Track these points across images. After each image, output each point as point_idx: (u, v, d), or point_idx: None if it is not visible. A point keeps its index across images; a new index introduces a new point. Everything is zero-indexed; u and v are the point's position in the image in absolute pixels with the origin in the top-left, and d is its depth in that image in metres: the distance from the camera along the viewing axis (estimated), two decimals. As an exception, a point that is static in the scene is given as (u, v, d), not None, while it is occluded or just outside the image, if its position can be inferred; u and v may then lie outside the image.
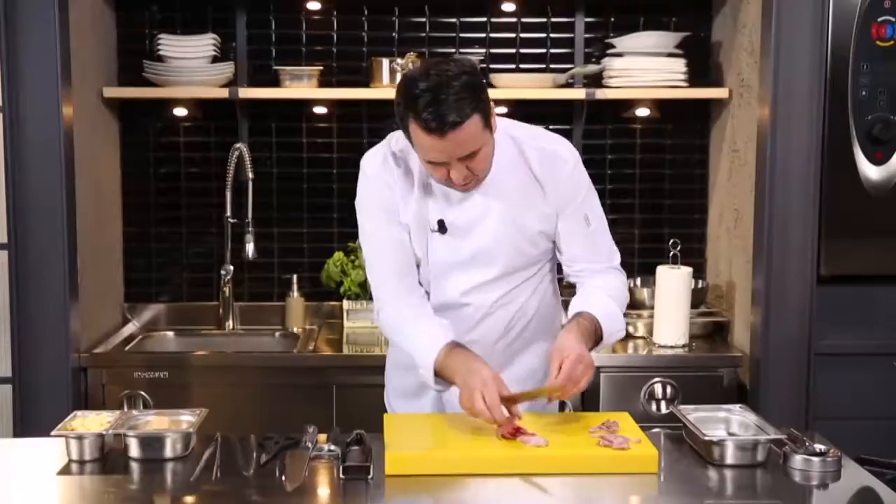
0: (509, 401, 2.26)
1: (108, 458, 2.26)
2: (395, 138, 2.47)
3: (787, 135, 3.25)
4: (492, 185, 2.40)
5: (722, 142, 3.83)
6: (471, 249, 2.44)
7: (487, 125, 2.27)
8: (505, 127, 2.43)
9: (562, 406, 3.30)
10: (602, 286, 2.50)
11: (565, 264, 2.54)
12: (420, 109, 2.18)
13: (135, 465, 2.23)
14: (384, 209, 2.44)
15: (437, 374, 2.35)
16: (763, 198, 3.29)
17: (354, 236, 2.81)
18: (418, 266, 2.50)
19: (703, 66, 3.90)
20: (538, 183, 2.43)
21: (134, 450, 2.25)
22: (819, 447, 2.20)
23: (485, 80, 2.34)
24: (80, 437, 2.24)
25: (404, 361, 2.54)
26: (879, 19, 3.23)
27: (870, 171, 3.27)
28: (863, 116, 3.25)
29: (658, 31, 3.81)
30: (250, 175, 3.73)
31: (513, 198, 2.42)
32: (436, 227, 2.42)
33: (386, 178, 2.43)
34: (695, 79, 3.80)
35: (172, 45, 3.73)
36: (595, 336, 2.41)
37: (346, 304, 3.83)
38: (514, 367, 2.55)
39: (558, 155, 2.45)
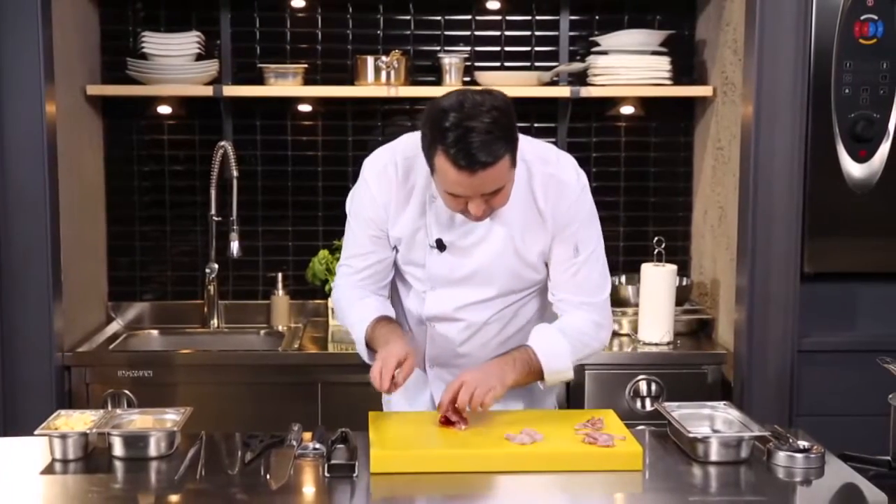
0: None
1: (92, 457, 2.26)
2: (405, 143, 2.42)
3: (771, 132, 3.25)
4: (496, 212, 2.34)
5: (706, 139, 3.84)
6: (469, 269, 2.42)
7: (514, 164, 2.23)
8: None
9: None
10: (566, 325, 2.44)
11: (549, 291, 2.49)
12: (450, 144, 2.12)
13: (119, 464, 2.22)
14: (370, 218, 2.45)
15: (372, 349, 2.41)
16: (747, 195, 3.30)
17: (339, 234, 2.80)
18: (398, 270, 2.52)
19: (687, 65, 3.91)
20: (541, 214, 2.38)
21: (118, 449, 2.24)
22: (802, 444, 2.21)
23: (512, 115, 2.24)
24: (63, 437, 2.23)
25: None
26: (862, 17, 3.24)
27: (853, 169, 3.29)
28: (846, 114, 3.26)
29: (642, 30, 3.81)
30: (235, 173, 3.72)
31: (515, 225, 2.38)
32: (434, 244, 2.41)
33: (379, 192, 2.41)
34: (679, 77, 3.81)
35: (156, 43, 3.72)
36: (532, 371, 2.38)
37: (331, 302, 3.81)
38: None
39: (565, 183, 2.39)
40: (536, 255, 2.42)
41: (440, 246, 2.40)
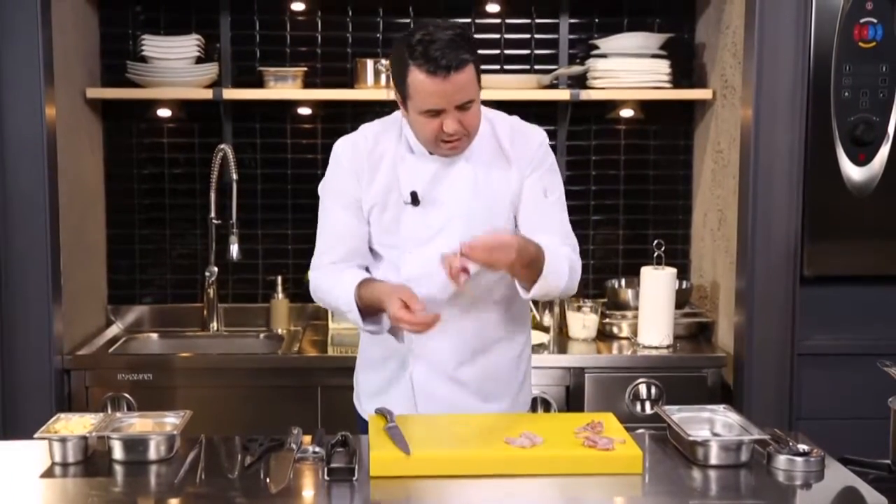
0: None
1: (92, 460, 2.25)
2: (369, 124, 2.57)
3: (771, 136, 3.26)
4: (466, 156, 2.47)
5: (706, 143, 3.84)
6: (443, 220, 2.47)
7: (478, 80, 2.37)
8: (482, 110, 2.49)
9: (546, 407, 3.32)
10: (552, 244, 2.45)
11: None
12: (422, 54, 2.28)
13: (118, 468, 2.22)
14: (344, 194, 2.52)
15: (364, 313, 2.44)
16: (746, 198, 3.30)
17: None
18: (375, 253, 2.56)
19: (686, 68, 3.91)
20: (505, 155, 2.50)
21: (118, 452, 2.24)
22: (802, 447, 2.21)
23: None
24: (63, 440, 2.23)
25: (370, 359, 2.63)
26: (862, 21, 3.24)
27: (852, 172, 3.29)
28: (845, 117, 3.27)
29: (642, 33, 3.82)
30: (234, 176, 3.72)
31: (481, 164, 2.48)
32: (409, 199, 2.46)
33: (352, 155, 2.51)
34: (679, 80, 3.82)
35: (156, 46, 3.72)
36: (536, 263, 2.37)
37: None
38: (485, 358, 2.57)
39: (527, 133, 2.55)
40: (504, 197, 2.49)
41: (414, 200, 2.46)
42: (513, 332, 2.62)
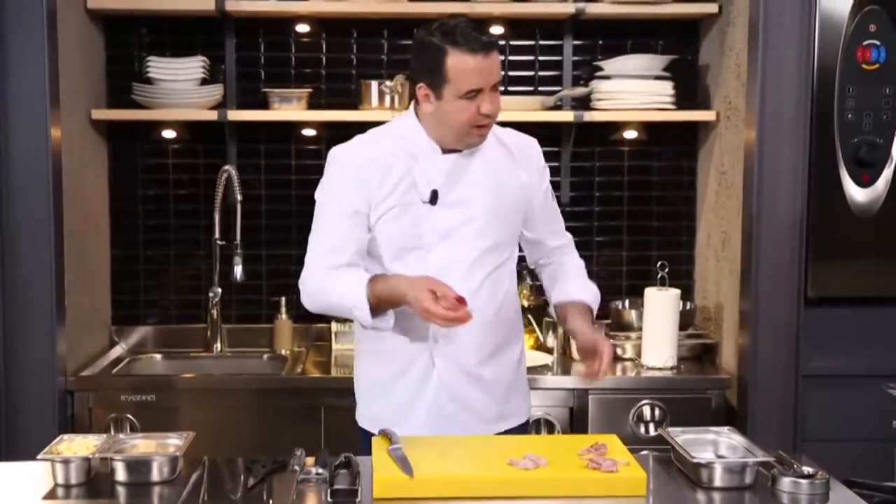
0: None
1: (95, 482, 2.25)
2: (363, 137, 2.62)
3: (774, 157, 3.26)
4: (478, 154, 2.55)
5: (709, 164, 3.84)
6: (463, 216, 2.52)
7: None
8: None
9: (550, 429, 3.31)
10: (576, 266, 2.80)
11: (543, 244, 2.76)
12: (461, 36, 2.40)
13: (121, 489, 2.21)
14: (348, 200, 2.52)
15: (374, 309, 2.45)
16: (750, 220, 3.30)
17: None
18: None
19: (690, 89, 3.92)
20: (513, 159, 2.63)
21: (120, 473, 2.23)
22: (807, 469, 2.20)
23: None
24: (66, 461, 2.22)
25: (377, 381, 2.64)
26: (865, 43, 3.25)
27: (856, 194, 3.29)
28: (849, 139, 3.27)
29: (645, 54, 3.83)
30: (239, 197, 3.73)
31: (494, 165, 2.58)
32: (428, 198, 2.50)
33: (358, 159, 2.54)
34: (682, 101, 3.82)
35: (161, 68, 3.74)
36: (592, 316, 2.72)
37: (334, 326, 3.82)
38: (500, 356, 2.62)
39: (526, 138, 2.71)
40: (515, 194, 2.61)
41: (433, 199, 2.50)
42: (518, 335, 2.72)
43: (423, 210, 2.51)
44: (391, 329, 2.51)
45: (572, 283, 2.74)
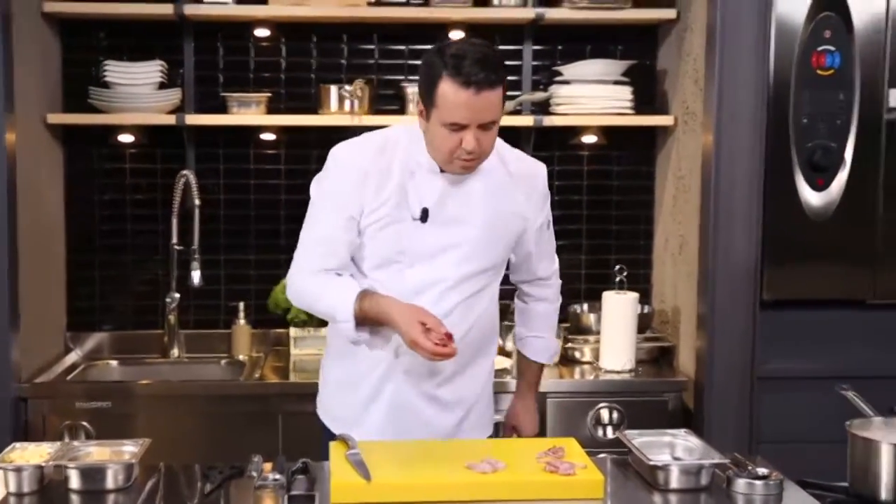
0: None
1: (48, 490, 2.22)
2: (371, 137, 2.56)
3: (731, 161, 3.29)
4: (477, 177, 2.50)
5: (667, 168, 3.87)
6: (449, 238, 2.48)
7: (504, 102, 2.41)
8: None
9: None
10: (546, 313, 2.81)
11: (529, 271, 2.72)
12: (455, 66, 2.30)
13: (75, 498, 2.19)
14: (344, 201, 2.47)
15: (359, 323, 2.43)
16: (707, 224, 3.33)
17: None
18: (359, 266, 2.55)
19: (648, 94, 3.95)
20: (514, 184, 2.56)
21: (74, 482, 2.21)
22: (762, 471, 2.22)
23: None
24: (18, 469, 2.19)
25: (346, 376, 2.63)
26: (820, 49, 3.29)
27: (811, 198, 3.33)
28: (804, 144, 3.31)
29: (604, 59, 3.85)
30: (197, 202, 3.71)
31: (491, 190, 2.52)
32: (418, 215, 2.46)
33: (360, 163, 2.48)
34: (641, 106, 3.85)
35: (119, 72, 3.71)
36: (538, 378, 2.87)
37: (292, 331, 3.80)
38: (464, 375, 2.60)
39: (533, 165, 2.65)
40: (509, 221, 2.56)
41: (423, 217, 2.46)
42: (488, 352, 2.69)
43: (412, 227, 2.47)
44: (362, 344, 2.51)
45: (534, 340, 2.81)
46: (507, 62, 3.94)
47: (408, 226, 2.47)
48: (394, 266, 2.50)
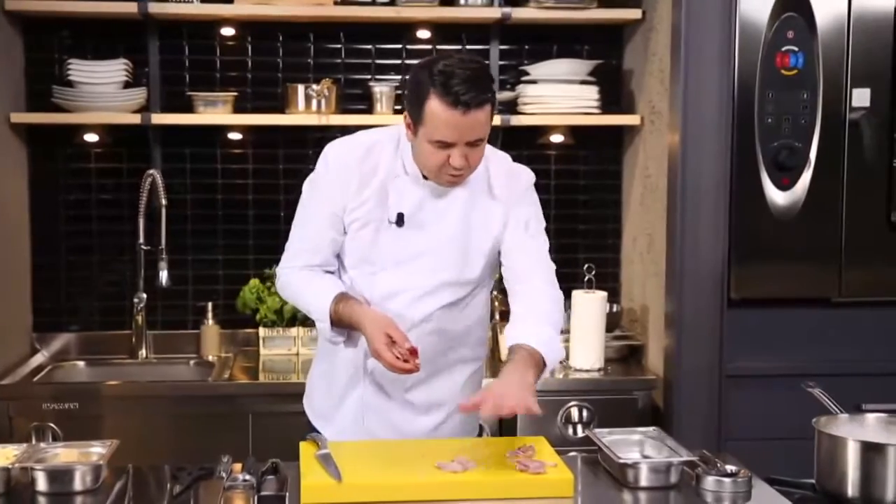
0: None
1: (14, 492, 2.20)
2: (366, 132, 2.56)
3: (697, 161, 3.31)
4: (457, 189, 2.47)
5: (634, 167, 3.89)
6: (423, 244, 2.47)
7: (492, 118, 2.38)
8: None
9: (479, 432, 3.30)
10: (539, 311, 2.50)
11: (509, 278, 2.55)
12: (443, 84, 2.26)
13: (42, 500, 2.17)
14: (328, 201, 2.49)
15: (335, 324, 2.45)
16: (674, 223, 3.35)
17: (270, 262, 2.80)
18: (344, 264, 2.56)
19: (615, 94, 3.97)
20: (493, 195, 2.51)
21: (41, 484, 2.19)
22: (730, 468, 2.23)
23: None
24: (-16, 472, 2.18)
25: (323, 371, 2.64)
26: (784, 49, 3.32)
27: (776, 197, 3.35)
28: (769, 143, 3.33)
29: (571, 59, 3.87)
30: (163, 201, 3.68)
31: (471, 200, 2.49)
32: (394, 218, 2.46)
33: (346, 161, 2.48)
34: (607, 106, 3.87)
35: (83, 71, 3.67)
36: (538, 366, 2.39)
37: (262, 331, 3.79)
38: (439, 380, 2.57)
39: (518, 171, 2.59)
40: (484, 232, 2.50)
41: (399, 221, 2.45)
42: (476, 355, 2.65)
43: (387, 230, 2.48)
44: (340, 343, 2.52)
45: (516, 328, 2.47)
46: (475, 62, 3.96)
47: (384, 228, 2.48)
48: (367, 267, 2.51)
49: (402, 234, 2.47)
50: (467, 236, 2.49)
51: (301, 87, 3.72)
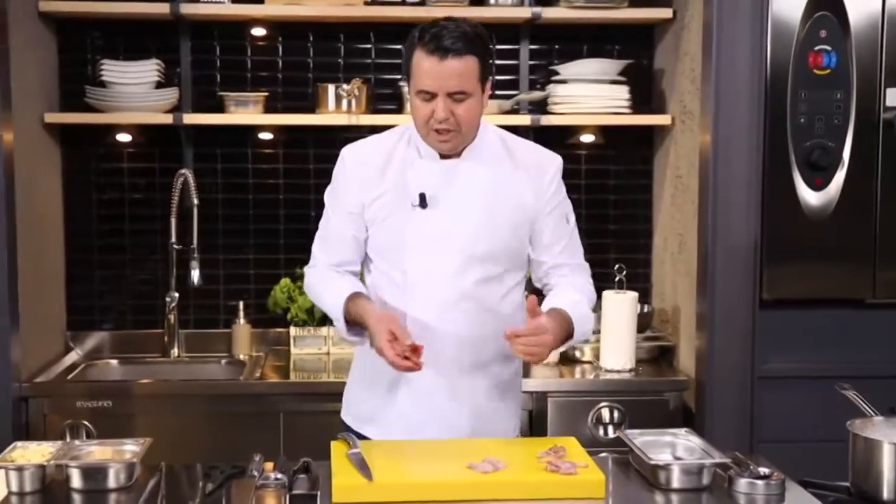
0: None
1: (50, 489, 2.22)
2: (378, 137, 2.64)
3: (729, 161, 3.30)
4: (476, 163, 2.52)
5: (665, 168, 3.87)
6: (449, 223, 2.49)
7: (482, 80, 2.45)
8: (494, 128, 2.63)
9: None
10: (575, 288, 2.60)
11: (542, 262, 2.61)
12: (425, 36, 2.38)
13: (77, 497, 2.19)
14: (344, 202, 2.56)
15: (349, 323, 2.50)
16: (706, 223, 3.33)
17: (301, 262, 2.81)
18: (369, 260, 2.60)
19: (646, 93, 3.95)
20: (519, 170, 2.56)
21: (76, 481, 2.21)
22: (763, 470, 2.22)
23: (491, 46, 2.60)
24: (20, 469, 2.19)
25: (364, 371, 2.64)
26: (816, 48, 3.29)
27: (809, 197, 3.33)
28: (801, 143, 3.31)
29: (601, 59, 3.85)
30: (195, 201, 3.71)
31: (492, 175, 2.52)
32: (417, 201, 2.48)
33: (359, 160, 2.56)
34: (638, 105, 3.85)
35: (115, 71, 3.70)
36: (567, 332, 2.48)
37: (293, 330, 3.81)
38: (470, 380, 2.55)
39: (546, 154, 2.64)
40: (512, 208, 2.53)
41: (422, 202, 2.48)
42: (511, 360, 2.61)
43: (412, 214, 2.50)
44: (365, 344, 2.52)
45: (553, 297, 2.57)
46: (505, 61, 3.97)
47: (408, 213, 2.50)
48: (396, 255, 2.52)
49: (426, 215, 2.49)
50: (493, 210, 2.51)
51: (331, 87, 3.73)
